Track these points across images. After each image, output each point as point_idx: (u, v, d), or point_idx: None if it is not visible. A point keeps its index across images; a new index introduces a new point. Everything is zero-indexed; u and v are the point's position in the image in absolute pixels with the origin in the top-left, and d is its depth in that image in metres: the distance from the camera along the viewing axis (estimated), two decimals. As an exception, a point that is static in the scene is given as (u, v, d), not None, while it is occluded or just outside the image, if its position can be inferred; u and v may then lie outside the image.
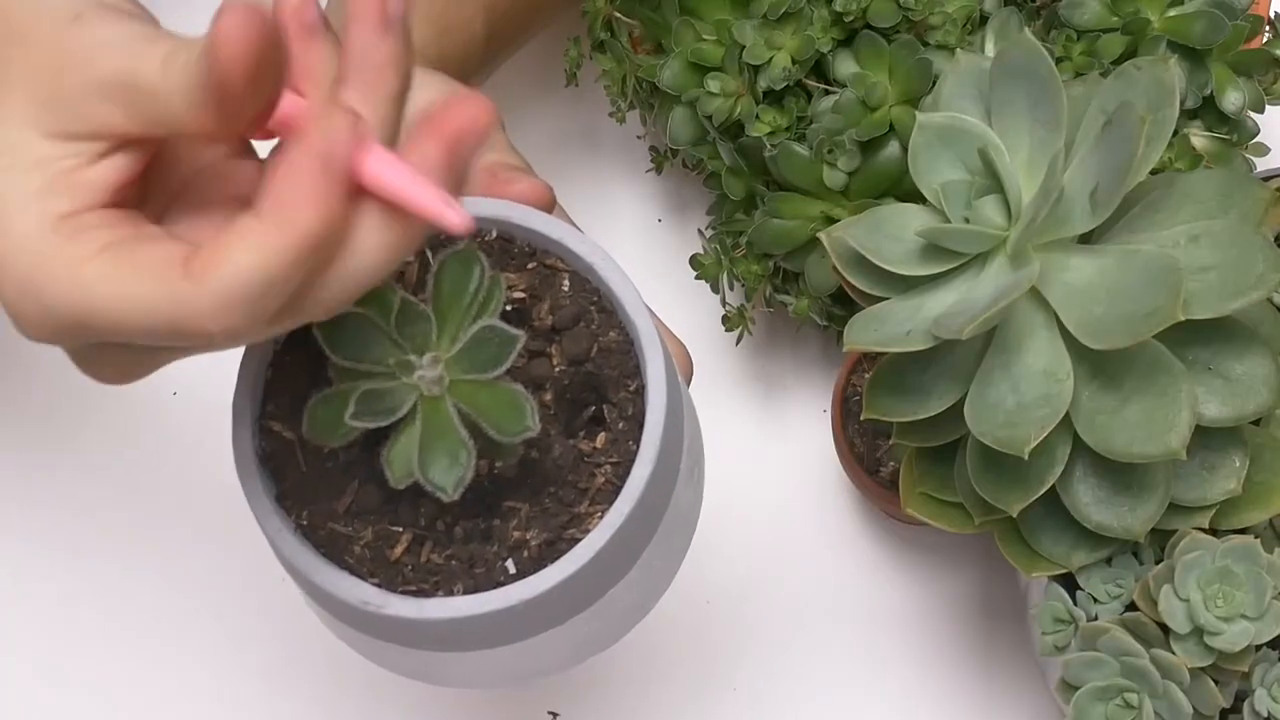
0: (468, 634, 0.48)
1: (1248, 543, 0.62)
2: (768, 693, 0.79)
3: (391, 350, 0.47)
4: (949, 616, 0.80)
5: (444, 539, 0.48)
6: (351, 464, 0.49)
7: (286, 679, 0.80)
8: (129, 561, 0.82)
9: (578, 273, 0.51)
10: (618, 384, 0.50)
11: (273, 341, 0.50)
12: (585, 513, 0.49)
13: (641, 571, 0.50)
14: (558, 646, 0.50)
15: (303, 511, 0.49)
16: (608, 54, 0.77)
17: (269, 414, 0.50)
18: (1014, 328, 0.61)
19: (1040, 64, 0.61)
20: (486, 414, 0.46)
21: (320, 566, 0.48)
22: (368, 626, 0.49)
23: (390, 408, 0.46)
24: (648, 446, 0.49)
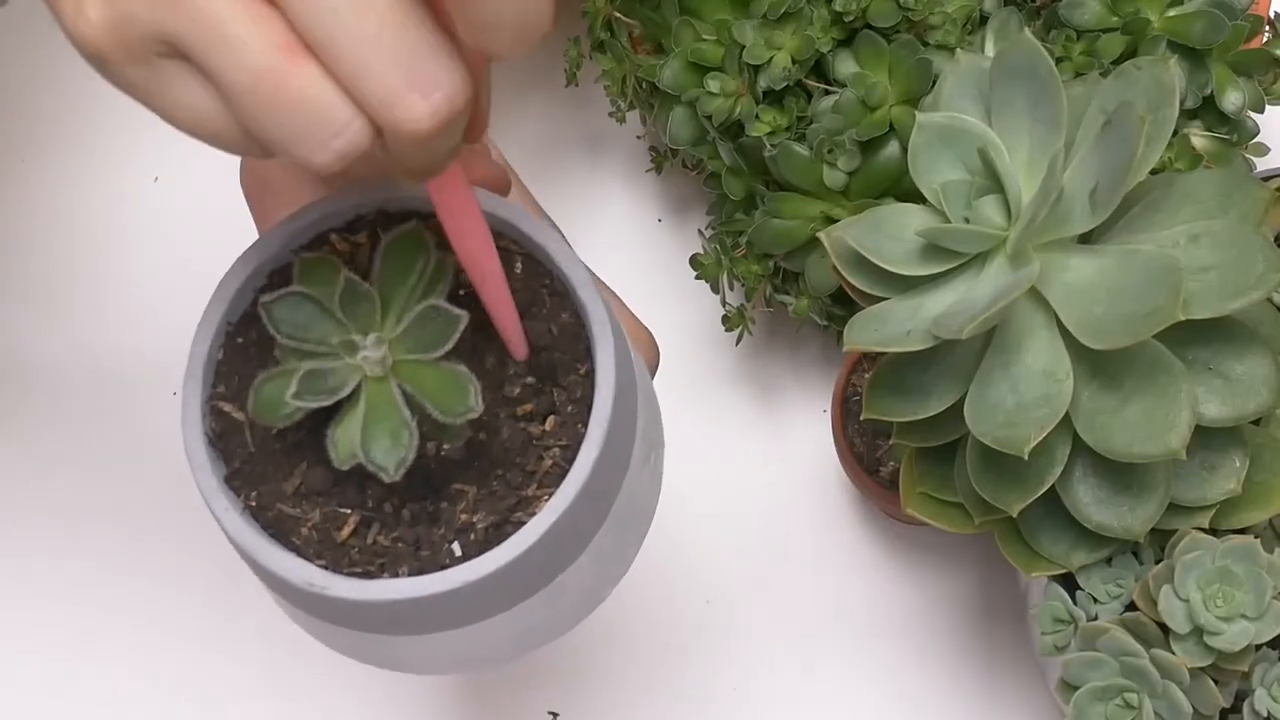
0: (412, 617, 0.48)
1: (1248, 543, 0.62)
2: (767, 693, 0.79)
3: (335, 330, 0.47)
4: (949, 616, 0.80)
5: (391, 521, 0.48)
6: (300, 445, 0.49)
7: (287, 679, 0.80)
8: (129, 561, 0.82)
9: (531, 255, 0.51)
10: (568, 367, 0.50)
11: (224, 321, 0.50)
12: (533, 496, 0.49)
13: (592, 558, 0.50)
14: (505, 633, 0.50)
15: (251, 492, 0.49)
16: (608, 54, 0.77)
17: (219, 395, 0.50)
18: (1014, 328, 0.61)
19: (1040, 64, 0.61)
20: (430, 394, 0.46)
21: (267, 548, 0.48)
22: (315, 608, 0.49)
23: (333, 387, 0.46)
24: (595, 430, 0.48)
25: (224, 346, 0.50)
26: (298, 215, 0.51)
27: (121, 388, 0.84)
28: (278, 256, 0.50)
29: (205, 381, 0.49)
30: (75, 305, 0.85)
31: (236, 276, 0.50)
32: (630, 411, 0.50)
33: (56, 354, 0.85)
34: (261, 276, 0.50)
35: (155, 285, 0.85)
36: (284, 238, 0.50)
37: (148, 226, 0.86)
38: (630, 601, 0.80)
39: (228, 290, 0.50)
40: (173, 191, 0.87)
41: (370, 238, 0.51)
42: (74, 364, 0.84)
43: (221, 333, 0.50)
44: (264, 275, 0.50)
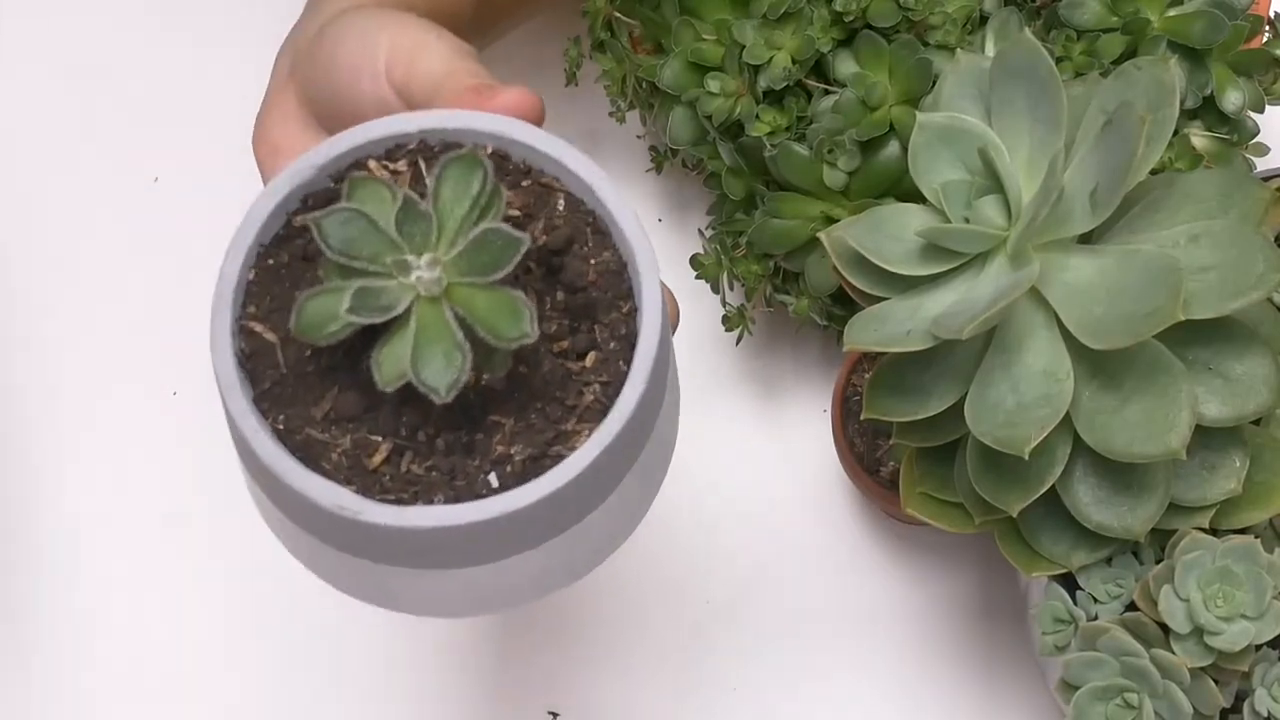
0: (443, 548, 0.47)
1: (1248, 543, 0.62)
2: (768, 693, 0.79)
3: (388, 249, 0.46)
4: (949, 616, 0.80)
5: (425, 450, 0.47)
6: (332, 369, 0.48)
7: (288, 680, 0.80)
8: (129, 560, 0.82)
9: (573, 194, 0.50)
10: (610, 305, 0.49)
11: (257, 243, 0.49)
12: (572, 430, 0.48)
13: (620, 499, 0.49)
14: (527, 573, 0.49)
15: (279, 415, 0.48)
16: (608, 54, 0.77)
17: (249, 315, 0.49)
18: (1014, 328, 0.61)
19: (1040, 64, 0.61)
20: (483, 318, 0.46)
21: (295, 469, 0.46)
22: (338, 538, 0.48)
23: (387, 305, 0.45)
24: (640, 366, 0.48)
25: (255, 268, 0.49)
26: (334, 141, 0.50)
27: (121, 388, 0.84)
28: (313, 182, 0.49)
29: (235, 302, 0.48)
30: (75, 305, 0.85)
31: (270, 199, 0.49)
32: (668, 353, 0.50)
33: (58, 355, 0.85)
34: (295, 200, 0.49)
35: (155, 285, 0.85)
36: (320, 162, 0.49)
37: (148, 226, 0.86)
38: (630, 601, 0.80)
39: (260, 213, 0.49)
40: (173, 191, 0.87)
41: (410, 166, 0.50)
42: (74, 364, 0.84)
43: (253, 254, 0.49)
44: (297, 199, 0.49)
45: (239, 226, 0.49)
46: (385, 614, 0.80)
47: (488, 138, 0.50)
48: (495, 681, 0.80)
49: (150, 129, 0.87)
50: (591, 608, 0.80)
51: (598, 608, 0.80)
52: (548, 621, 0.80)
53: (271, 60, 0.62)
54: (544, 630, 0.80)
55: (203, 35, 0.89)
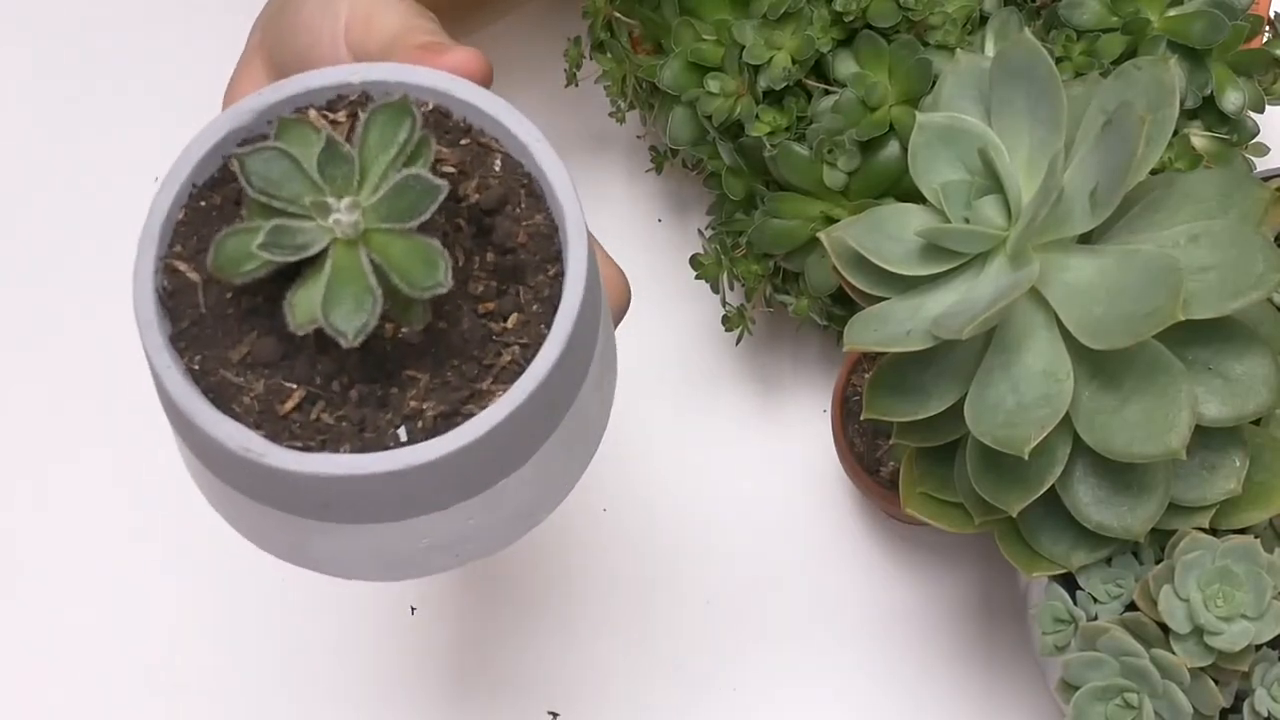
0: (347, 499, 0.47)
1: (1248, 543, 0.62)
2: (768, 693, 0.79)
3: (309, 190, 0.46)
4: (949, 616, 0.80)
5: (337, 400, 0.47)
6: (253, 313, 0.48)
7: (284, 681, 0.80)
8: (128, 561, 0.82)
9: (511, 155, 0.50)
10: (537, 268, 0.49)
11: (190, 183, 0.49)
12: (487, 390, 0.47)
13: (536, 470, 0.49)
14: (437, 536, 0.49)
15: (195, 355, 0.47)
16: (608, 54, 0.77)
17: (174, 254, 0.48)
18: (1014, 328, 0.61)
19: (1040, 64, 0.61)
20: (398, 265, 0.45)
21: (204, 410, 0.46)
22: (244, 482, 0.47)
23: (301, 244, 0.45)
24: (560, 330, 0.47)
25: (186, 208, 0.49)
26: (278, 87, 0.49)
27: (121, 388, 0.84)
28: (251, 126, 0.49)
29: (162, 239, 0.48)
30: (75, 305, 0.85)
31: (206, 140, 0.49)
32: (593, 321, 0.49)
33: (59, 354, 0.85)
34: (232, 143, 0.49)
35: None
36: (260, 107, 0.49)
37: (148, 226, 0.86)
38: (630, 601, 0.80)
39: (195, 152, 0.49)
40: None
41: (350, 118, 0.49)
42: (73, 364, 0.84)
43: (185, 193, 0.49)
44: (234, 142, 0.49)
45: (174, 163, 0.49)
46: (386, 614, 0.80)
47: (429, 93, 0.50)
48: (495, 681, 0.80)
49: (150, 129, 0.87)
50: (591, 608, 0.80)
51: (598, 608, 0.80)
52: (548, 621, 0.80)
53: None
54: (544, 630, 0.80)
55: (203, 34, 0.89)
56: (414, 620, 0.80)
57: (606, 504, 0.82)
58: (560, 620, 0.80)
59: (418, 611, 0.80)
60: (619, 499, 0.82)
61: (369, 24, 0.56)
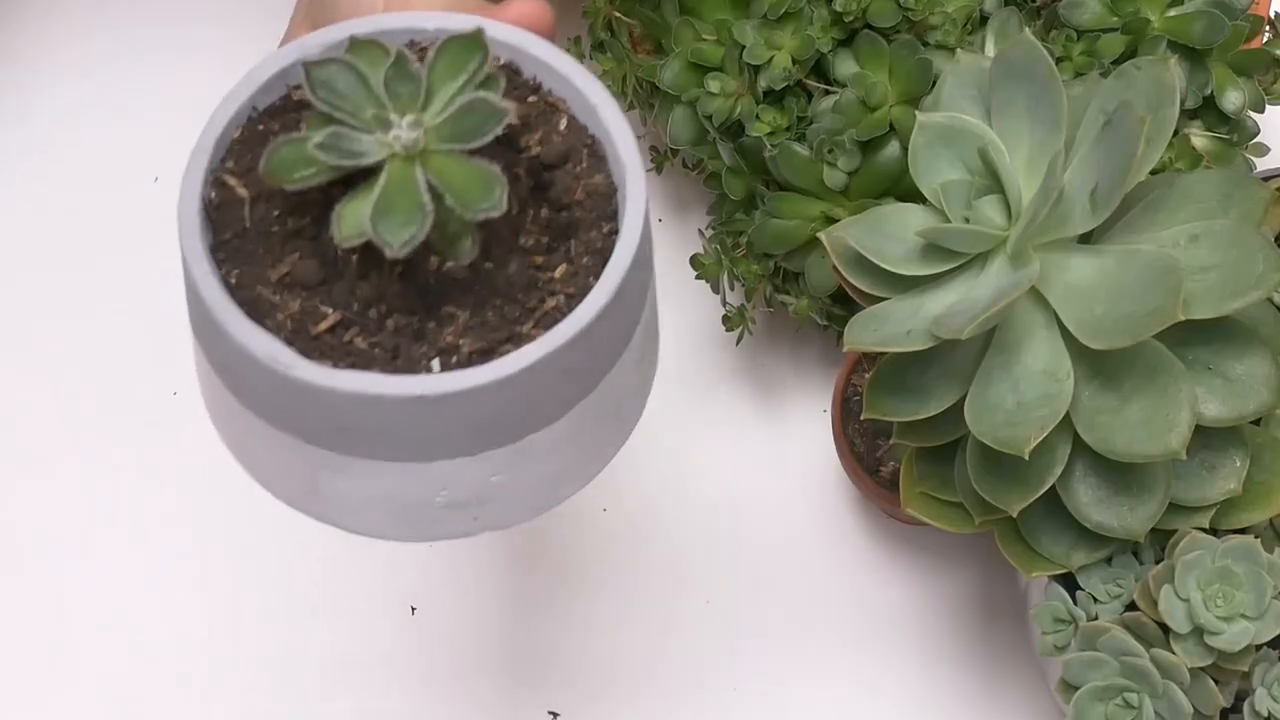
0: (368, 424, 0.46)
1: (1248, 542, 0.62)
2: (768, 693, 0.79)
3: (372, 105, 0.45)
4: (949, 616, 0.80)
5: (373, 327, 0.46)
6: (296, 234, 0.47)
7: (284, 679, 0.80)
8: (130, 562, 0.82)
9: (577, 117, 0.50)
10: (591, 225, 0.49)
11: (250, 105, 0.48)
12: (527, 334, 0.47)
13: (566, 432, 0.48)
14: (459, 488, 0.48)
15: (234, 269, 0.47)
16: (608, 54, 0.77)
17: (226, 168, 0.48)
18: (1014, 328, 0.61)
19: (1040, 64, 0.61)
20: (455, 185, 0.45)
21: (238, 319, 0.45)
22: (265, 402, 0.46)
23: (357, 152, 0.45)
24: (609, 280, 0.46)
25: (243, 128, 0.48)
26: (349, 25, 0.49)
27: (121, 388, 0.84)
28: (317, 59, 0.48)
29: (216, 152, 0.48)
30: (75, 305, 0.85)
31: (273, 64, 0.48)
32: (642, 286, 0.49)
33: (60, 356, 0.85)
34: (296, 73, 0.48)
35: (155, 285, 0.85)
36: (329, 42, 0.49)
37: (148, 226, 0.86)
38: (630, 601, 0.80)
39: (259, 75, 0.48)
40: (173, 191, 0.87)
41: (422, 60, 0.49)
42: (74, 364, 0.84)
43: (244, 114, 0.48)
44: (299, 72, 0.48)
45: (236, 84, 0.48)
46: (386, 614, 0.80)
47: (503, 48, 0.50)
48: (495, 681, 0.80)
49: (150, 129, 0.87)
50: (591, 607, 0.80)
51: (598, 607, 0.80)
52: (548, 621, 0.80)
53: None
54: (544, 630, 0.80)
55: (203, 34, 0.89)
56: (414, 620, 0.80)
57: (606, 504, 0.82)
58: (560, 620, 0.80)
59: (418, 611, 0.80)
60: (619, 499, 0.82)
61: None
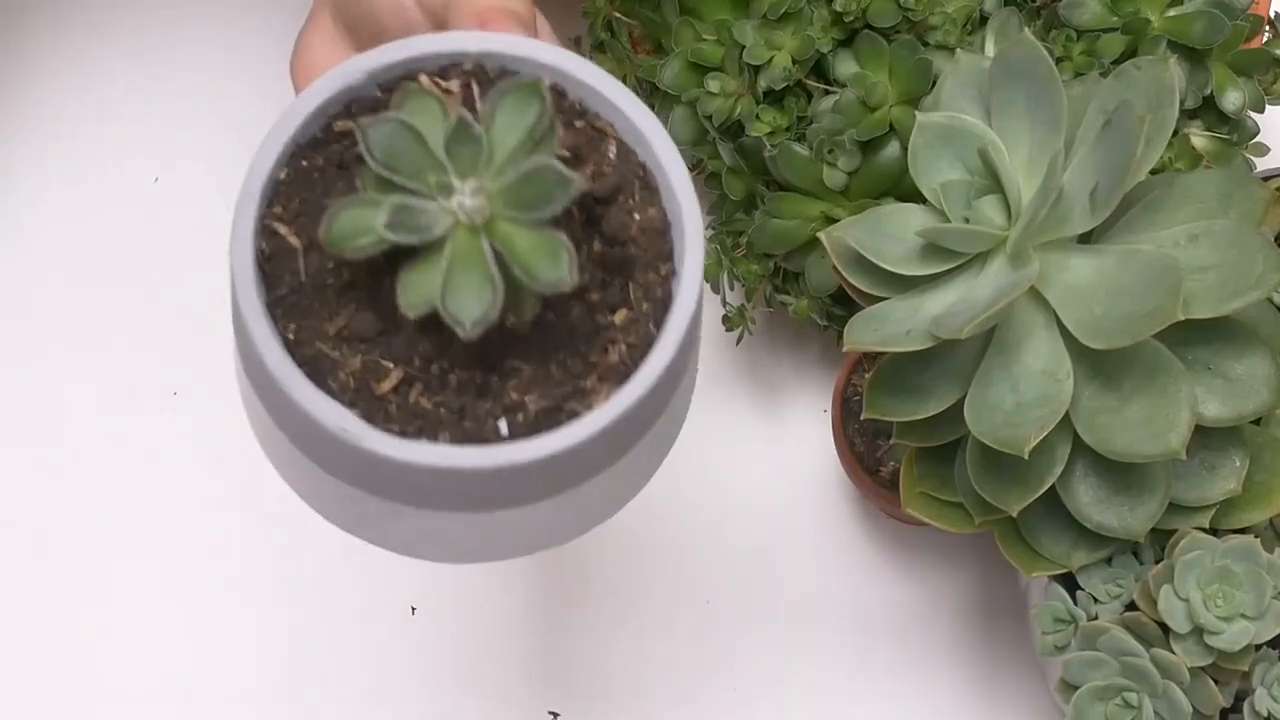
0: (441, 489, 0.45)
1: (1248, 542, 0.62)
2: (768, 693, 0.79)
3: (434, 168, 0.44)
4: (949, 616, 0.80)
5: (436, 384, 0.45)
6: (352, 285, 0.46)
7: (285, 678, 0.80)
8: (130, 562, 0.82)
9: (625, 142, 0.48)
10: (648, 265, 0.47)
11: (293, 142, 0.47)
12: (590, 388, 0.46)
13: (623, 468, 0.48)
14: (517, 528, 0.47)
15: (292, 324, 0.45)
16: (608, 54, 0.77)
17: (274, 215, 0.46)
18: (1014, 327, 0.61)
19: (1040, 64, 0.61)
20: (522, 256, 0.43)
21: (303, 385, 0.44)
22: (335, 463, 0.46)
23: (425, 226, 0.43)
24: (672, 334, 0.46)
25: (288, 167, 0.47)
26: (388, 49, 0.48)
27: (121, 388, 0.84)
28: (360, 87, 0.47)
29: (262, 198, 0.46)
30: (75, 305, 0.85)
31: (314, 97, 0.47)
32: (698, 326, 0.48)
33: (62, 358, 0.85)
34: (338, 104, 0.47)
35: (155, 285, 0.85)
36: (371, 68, 0.47)
37: (148, 226, 0.86)
38: (630, 601, 0.80)
39: (302, 109, 0.47)
40: (173, 191, 0.87)
41: (464, 88, 0.48)
42: (74, 364, 0.84)
43: (288, 153, 0.47)
44: (341, 103, 0.47)
45: (277, 121, 0.47)
46: (386, 614, 0.80)
47: (548, 70, 0.48)
48: (495, 681, 0.80)
49: (150, 129, 0.87)
50: (591, 607, 0.80)
51: (598, 607, 0.80)
52: (548, 621, 0.80)
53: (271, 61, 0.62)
54: (544, 630, 0.80)
55: (202, 34, 0.89)
56: (414, 620, 0.80)
57: (606, 504, 0.82)
58: (560, 620, 0.80)
59: (418, 611, 0.80)
60: (619, 499, 0.82)
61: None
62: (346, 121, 0.47)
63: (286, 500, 0.54)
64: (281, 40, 0.63)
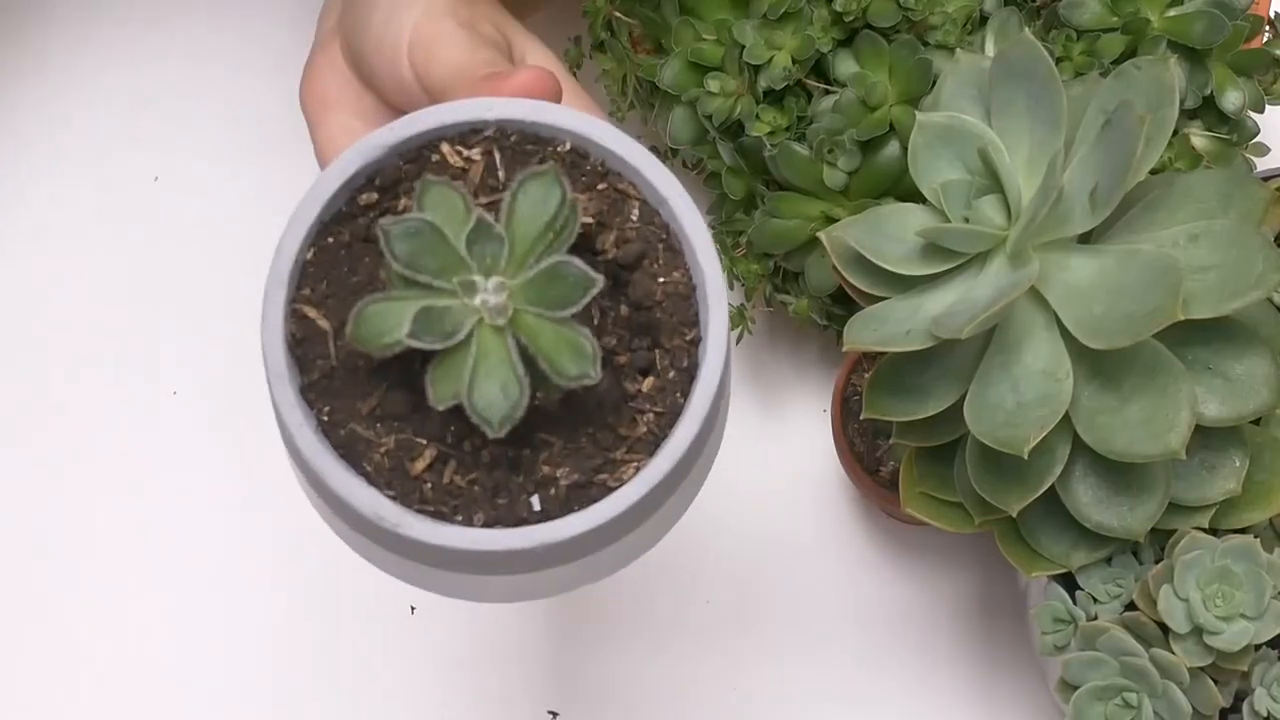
0: (479, 563, 0.46)
1: (1247, 542, 0.62)
2: (767, 693, 0.79)
3: (456, 266, 0.45)
4: (949, 616, 0.80)
5: (469, 461, 0.46)
6: (383, 365, 0.46)
7: (284, 679, 0.80)
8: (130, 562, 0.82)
9: (648, 203, 0.49)
10: (673, 330, 0.48)
11: (318, 220, 0.48)
12: (621, 460, 0.47)
13: (655, 522, 0.49)
14: (555, 580, 0.49)
15: (326, 406, 0.46)
16: (608, 54, 0.77)
17: (302, 298, 0.47)
18: (1013, 327, 0.61)
19: (1040, 64, 0.61)
20: (546, 352, 0.44)
21: (338, 471, 0.45)
22: (374, 535, 0.47)
23: (449, 330, 0.44)
24: (698, 405, 0.46)
25: (314, 246, 0.48)
26: (409, 121, 0.48)
27: (121, 388, 0.84)
28: (381, 161, 0.48)
29: (291, 281, 0.47)
30: (74, 305, 0.85)
31: (337, 176, 0.48)
32: (726, 388, 0.49)
33: (63, 359, 0.85)
34: (361, 178, 0.48)
35: (155, 285, 0.85)
36: (392, 142, 0.48)
37: (148, 226, 0.86)
38: (630, 601, 0.80)
39: (326, 188, 0.48)
40: (173, 191, 0.87)
41: (485, 155, 0.48)
42: (73, 364, 0.84)
43: (313, 232, 0.47)
44: (364, 177, 0.48)
45: (301, 200, 0.47)
46: (385, 615, 0.80)
47: (567, 135, 0.49)
48: (495, 681, 0.80)
49: (150, 129, 0.87)
50: (592, 608, 0.80)
51: (598, 608, 0.80)
52: (547, 621, 0.80)
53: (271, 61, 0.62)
54: (544, 630, 0.80)
55: (202, 34, 0.89)
56: (414, 620, 0.80)
57: (606, 504, 0.82)
58: (560, 620, 0.80)
59: (417, 611, 0.80)
60: (619, 499, 0.82)
61: (430, 55, 0.55)
62: (370, 194, 0.48)
63: (287, 500, 0.54)
64: (284, 39, 0.63)
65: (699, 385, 0.47)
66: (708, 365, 0.47)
